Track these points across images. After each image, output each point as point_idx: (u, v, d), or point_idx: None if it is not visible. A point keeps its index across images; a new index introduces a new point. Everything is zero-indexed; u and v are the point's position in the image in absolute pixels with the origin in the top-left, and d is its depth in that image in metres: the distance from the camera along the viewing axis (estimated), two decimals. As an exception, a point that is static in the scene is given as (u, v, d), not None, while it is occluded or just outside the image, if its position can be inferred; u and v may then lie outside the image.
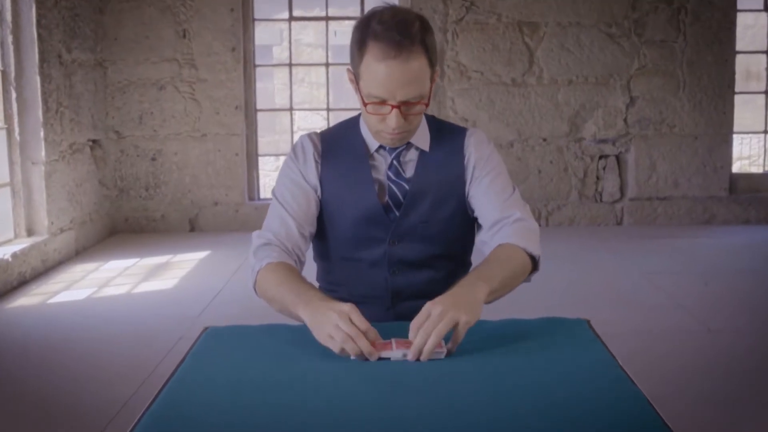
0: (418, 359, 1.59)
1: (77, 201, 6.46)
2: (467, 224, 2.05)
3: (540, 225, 1.83)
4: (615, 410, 1.38)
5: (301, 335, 1.68)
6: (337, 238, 2.03)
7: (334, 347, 1.58)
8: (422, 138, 1.98)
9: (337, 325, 1.58)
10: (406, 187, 1.96)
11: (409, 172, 1.97)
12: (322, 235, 2.05)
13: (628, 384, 1.47)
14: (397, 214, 1.96)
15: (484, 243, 1.98)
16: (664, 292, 5.12)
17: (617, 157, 7.37)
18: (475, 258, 2.07)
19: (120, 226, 7.24)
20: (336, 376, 1.52)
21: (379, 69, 1.76)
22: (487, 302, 1.72)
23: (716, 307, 4.80)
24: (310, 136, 2.04)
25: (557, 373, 1.53)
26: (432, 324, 1.59)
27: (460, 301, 1.63)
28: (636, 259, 6.03)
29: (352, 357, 1.58)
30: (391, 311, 2.04)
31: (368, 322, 1.61)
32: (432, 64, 1.81)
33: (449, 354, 1.61)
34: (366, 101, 1.82)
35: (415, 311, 2.00)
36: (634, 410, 1.37)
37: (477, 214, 2.00)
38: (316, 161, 1.99)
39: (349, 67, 1.87)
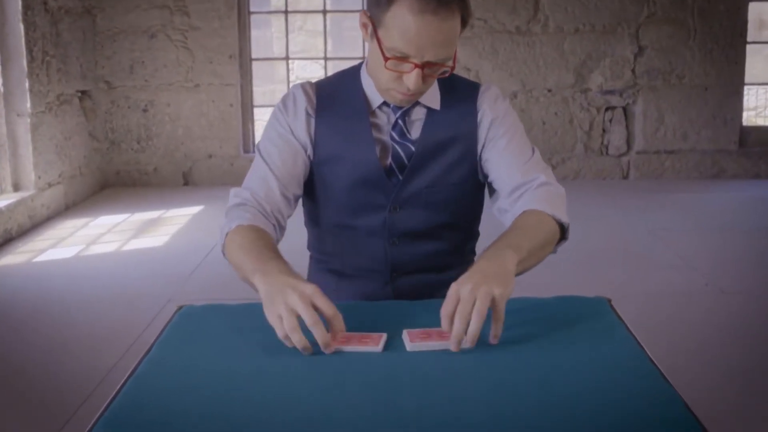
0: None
1: (66, 154, 6.25)
2: (478, 191, 1.86)
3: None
4: (642, 405, 1.21)
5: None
6: (331, 203, 1.83)
7: (279, 332, 1.38)
8: (431, 95, 1.77)
9: (291, 308, 1.36)
10: (412, 148, 1.75)
11: (415, 132, 1.77)
12: (313, 199, 1.86)
13: (654, 374, 1.30)
14: (400, 178, 1.77)
15: (504, 211, 1.77)
16: (673, 250, 4.94)
17: (624, 109, 7.15)
18: (489, 228, 1.88)
19: (111, 180, 7.04)
20: (325, 365, 1.34)
21: (411, 22, 1.54)
22: (516, 274, 1.50)
23: (729, 267, 4.61)
24: (303, 86, 1.82)
25: (575, 361, 1.35)
26: (466, 305, 1.37)
27: (489, 274, 1.42)
28: (643, 215, 5.85)
29: (299, 348, 1.37)
30: (390, 286, 1.85)
31: (335, 308, 1.40)
32: (464, 24, 1.60)
33: (495, 340, 1.40)
34: (387, 55, 1.60)
35: (417, 287, 1.81)
36: (661, 404, 1.21)
37: (492, 179, 1.79)
38: (308, 115, 1.78)
39: (366, 10, 1.64)
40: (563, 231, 1.70)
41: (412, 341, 1.40)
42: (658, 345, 1.59)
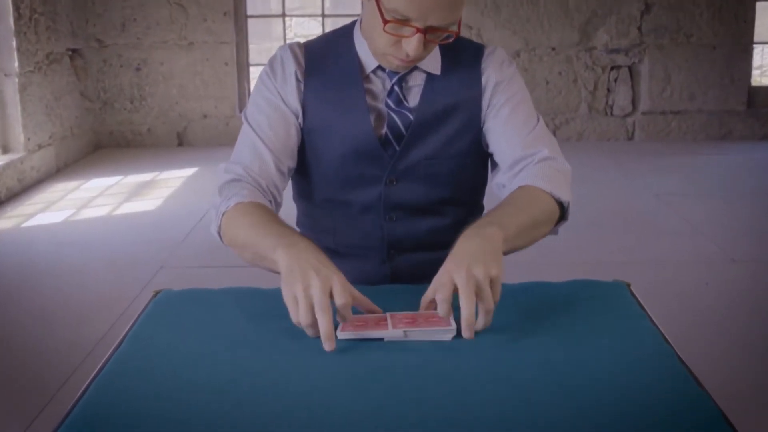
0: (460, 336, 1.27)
1: (57, 115, 6.09)
2: (481, 162, 1.71)
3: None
4: (664, 399, 1.09)
5: (276, 303, 1.35)
6: (322, 176, 1.68)
7: (292, 316, 1.24)
8: (431, 59, 1.62)
9: (309, 293, 1.22)
10: (410, 117, 1.60)
11: (414, 99, 1.61)
12: (303, 172, 1.70)
13: (676, 365, 1.17)
14: (397, 149, 1.61)
15: (502, 186, 1.63)
16: (680, 216, 4.80)
17: (630, 68, 6.98)
18: (494, 202, 1.72)
19: (104, 141, 6.88)
20: (314, 356, 1.20)
21: None
22: (504, 254, 1.35)
23: (739, 234, 4.47)
24: (292, 48, 1.65)
25: (589, 352, 1.21)
26: (469, 288, 1.23)
27: (477, 254, 1.27)
28: (649, 179, 5.70)
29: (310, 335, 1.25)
30: (387, 265, 1.71)
31: (347, 303, 1.25)
32: None
33: (484, 327, 1.26)
34: (386, 18, 1.44)
35: (416, 266, 1.67)
36: (683, 397, 1.09)
37: (493, 150, 1.65)
38: (298, 80, 1.62)
39: None
40: (563, 211, 1.55)
41: (357, 329, 1.27)
42: (666, 316, 1.46)
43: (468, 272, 1.24)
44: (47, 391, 2.79)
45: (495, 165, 1.66)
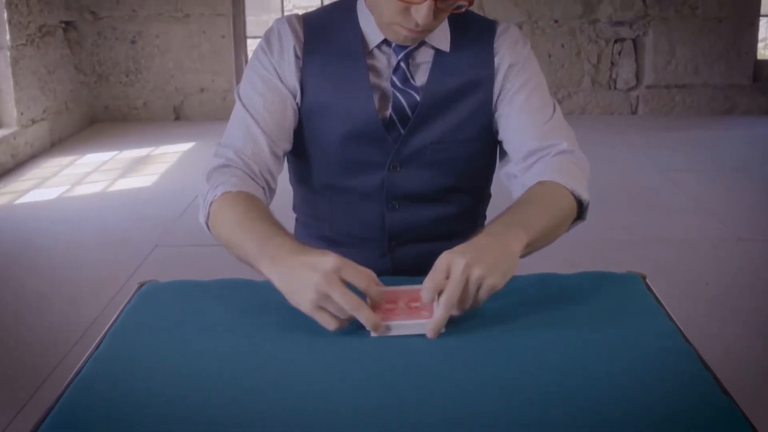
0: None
1: (50, 89, 5.98)
2: (491, 148, 1.60)
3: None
4: (684, 403, 1.00)
5: (268, 296, 1.27)
6: (321, 160, 1.57)
7: (328, 324, 1.15)
8: (440, 35, 1.51)
9: (326, 294, 1.12)
10: (416, 97, 1.49)
11: (421, 78, 1.50)
12: (300, 155, 1.60)
13: (696, 367, 1.08)
14: (402, 132, 1.50)
15: (513, 177, 1.53)
16: (685, 192, 4.71)
17: (634, 41, 6.85)
18: (502, 189, 1.63)
19: (100, 115, 6.77)
20: (309, 355, 1.12)
21: None
22: (521, 256, 1.27)
23: (745, 212, 4.38)
24: (290, 20, 1.54)
25: (603, 350, 1.13)
26: (455, 289, 1.15)
27: (488, 256, 1.19)
28: (653, 154, 5.60)
29: (370, 327, 1.16)
30: (388, 257, 1.61)
31: (366, 273, 1.17)
32: None
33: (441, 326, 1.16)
34: None
35: (419, 258, 1.55)
36: (709, 407, 1.00)
37: (505, 138, 1.54)
38: (296, 56, 1.50)
39: None
40: (581, 209, 1.45)
41: (385, 317, 1.18)
42: (671, 296, 1.39)
43: (466, 268, 1.15)
44: (39, 376, 2.72)
45: (504, 153, 1.56)
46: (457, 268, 1.15)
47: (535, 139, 1.48)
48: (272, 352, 1.13)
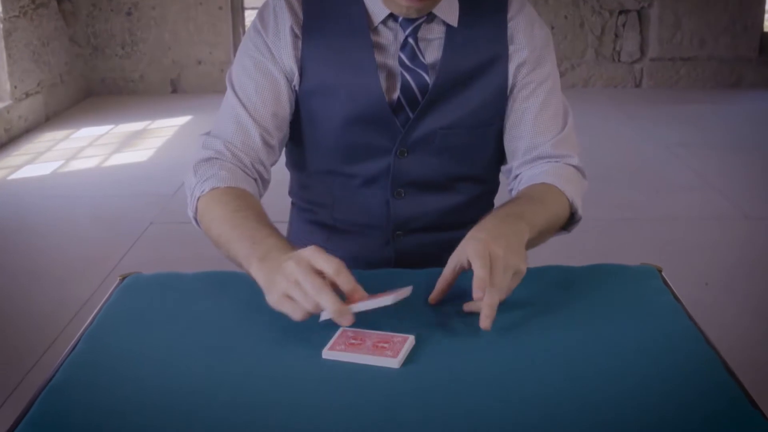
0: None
1: (45, 61, 5.87)
2: (502, 134, 1.50)
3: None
4: (707, 411, 0.93)
5: (259, 290, 1.19)
6: (321, 146, 1.46)
7: (293, 312, 1.06)
8: (448, 7, 1.40)
9: (295, 280, 1.05)
10: (426, 78, 1.38)
11: (432, 55, 1.40)
12: (298, 139, 1.49)
13: (718, 372, 1.00)
14: (411, 115, 1.39)
15: (513, 171, 1.46)
16: (690, 168, 4.62)
17: (639, 13, 6.74)
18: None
19: (96, 88, 6.67)
20: (298, 353, 1.05)
21: None
22: None
23: (753, 189, 4.29)
24: None
25: (614, 349, 1.06)
26: (500, 277, 1.10)
27: (513, 244, 1.15)
28: (658, 128, 5.51)
29: (321, 320, 1.07)
30: (391, 247, 1.51)
31: (339, 263, 1.08)
32: None
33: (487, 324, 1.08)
34: None
35: (423, 248, 1.48)
36: (729, 410, 0.93)
37: (511, 133, 1.45)
38: (294, 35, 1.39)
39: None
40: (570, 221, 1.41)
41: (330, 349, 1.06)
42: (676, 275, 1.32)
43: (504, 257, 1.11)
44: (28, 360, 2.66)
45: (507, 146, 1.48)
46: (497, 257, 1.10)
47: (548, 145, 1.42)
48: (259, 350, 1.06)
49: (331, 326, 1.06)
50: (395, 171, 1.43)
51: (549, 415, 0.91)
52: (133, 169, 4.78)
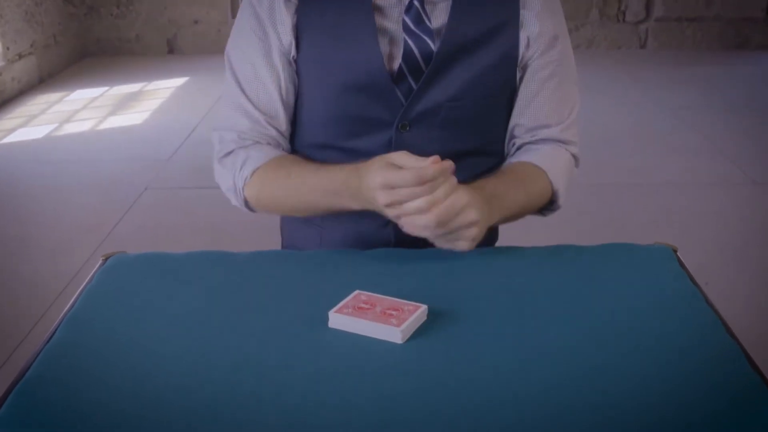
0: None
1: (38, 21, 5.75)
2: (511, 106, 1.41)
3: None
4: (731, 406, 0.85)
5: (247, 271, 1.12)
6: (317, 117, 1.37)
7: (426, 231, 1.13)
8: None
9: (388, 200, 1.12)
10: (431, 45, 1.28)
11: (438, 20, 1.30)
12: (294, 111, 1.40)
13: (740, 363, 0.93)
14: (414, 86, 1.29)
15: (515, 140, 1.40)
16: (697, 132, 4.53)
17: (644, -28, 6.60)
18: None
19: (91, 49, 6.55)
20: (292, 340, 0.97)
21: None
22: None
23: (760, 153, 4.20)
24: None
25: (626, 334, 0.98)
26: (448, 209, 1.13)
27: (488, 214, 1.18)
28: (663, 91, 5.40)
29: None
30: (390, 228, 1.40)
31: (412, 158, 1.14)
32: None
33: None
34: None
35: None
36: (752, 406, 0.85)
37: (519, 108, 1.38)
38: (289, 1, 1.30)
39: None
40: (552, 203, 1.39)
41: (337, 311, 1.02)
42: (683, 243, 1.25)
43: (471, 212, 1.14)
44: (20, 331, 2.59)
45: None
46: (465, 208, 1.13)
47: (556, 128, 1.37)
48: (251, 336, 0.98)
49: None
50: (397, 146, 1.31)
51: (552, 413, 0.84)
52: (129, 132, 4.68)
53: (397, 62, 1.28)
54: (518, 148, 1.39)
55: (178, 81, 5.79)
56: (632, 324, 1.00)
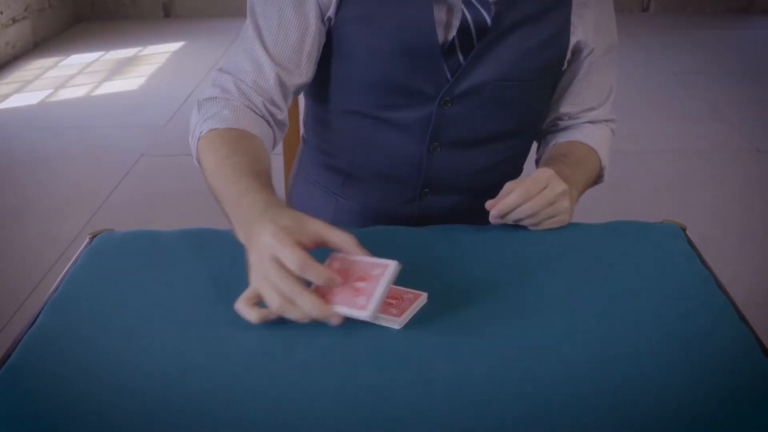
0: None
1: (31, -16, 5.67)
2: (554, 86, 1.35)
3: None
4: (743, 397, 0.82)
5: (240, 249, 1.07)
6: (352, 83, 1.26)
7: (272, 311, 0.90)
8: None
9: (266, 277, 0.89)
10: (486, 18, 1.18)
11: None
12: (324, 72, 1.27)
13: (753, 350, 0.89)
14: (462, 60, 1.21)
15: (554, 118, 1.38)
16: (700, 98, 4.47)
17: (648, -67, 6.49)
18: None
19: (86, 13, 6.46)
20: (285, 326, 0.92)
21: None
22: None
23: (765, 120, 4.13)
24: None
25: (632, 317, 0.94)
26: (536, 187, 1.11)
27: (570, 195, 1.17)
28: (666, 56, 5.33)
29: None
30: (417, 204, 1.35)
31: (303, 255, 0.87)
32: None
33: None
34: None
35: (450, 210, 1.34)
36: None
37: (565, 87, 1.34)
38: None
39: None
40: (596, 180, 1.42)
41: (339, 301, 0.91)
42: (684, 211, 1.21)
43: (563, 194, 1.13)
44: (14, 300, 2.56)
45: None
46: (554, 189, 1.12)
47: (599, 109, 1.38)
48: (242, 320, 0.94)
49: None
50: (436, 122, 1.25)
51: (558, 404, 0.80)
52: (124, 98, 4.62)
53: (451, 33, 1.19)
54: (562, 129, 1.38)
55: (174, 45, 5.71)
56: (640, 309, 0.95)
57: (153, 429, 0.77)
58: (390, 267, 0.91)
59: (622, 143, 3.81)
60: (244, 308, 0.91)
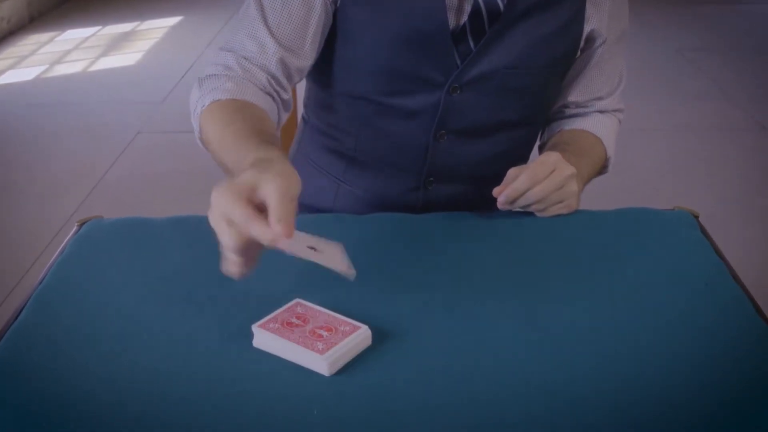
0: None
1: (26, -42, 5.60)
2: (564, 75, 1.32)
3: None
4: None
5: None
6: (358, 67, 1.22)
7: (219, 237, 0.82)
8: None
9: (226, 203, 0.80)
10: (500, 4, 1.14)
11: None
12: (328, 55, 1.23)
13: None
14: (473, 47, 1.17)
15: (572, 105, 1.35)
16: (704, 74, 4.42)
17: None
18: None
19: (82, -14, 6.39)
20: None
21: None
22: None
23: (769, 98, 4.11)
24: None
25: (646, 317, 0.90)
26: (543, 172, 1.10)
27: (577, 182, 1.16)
28: (668, 32, 5.29)
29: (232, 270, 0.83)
30: (421, 193, 1.31)
31: (293, 204, 0.80)
32: None
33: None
34: None
35: (453, 199, 1.30)
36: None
37: (574, 77, 1.31)
38: None
39: None
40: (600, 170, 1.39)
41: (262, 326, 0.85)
42: (689, 191, 1.18)
43: (570, 178, 1.12)
44: (7, 282, 2.53)
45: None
46: (562, 173, 1.10)
47: (608, 99, 1.34)
48: (236, 311, 0.91)
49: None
50: (444, 110, 1.22)
51: (565, 399, 0.77)
52: (121, 74, 4.57)
53: (463, 18, 1.15)
54: (569, 116, 1.35)
55: (171, 20, 5.66)
56: (652, 301, 0.92)
57: (142, 422, 0.74)
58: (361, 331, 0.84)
59: (624, 121, 3.77)
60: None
